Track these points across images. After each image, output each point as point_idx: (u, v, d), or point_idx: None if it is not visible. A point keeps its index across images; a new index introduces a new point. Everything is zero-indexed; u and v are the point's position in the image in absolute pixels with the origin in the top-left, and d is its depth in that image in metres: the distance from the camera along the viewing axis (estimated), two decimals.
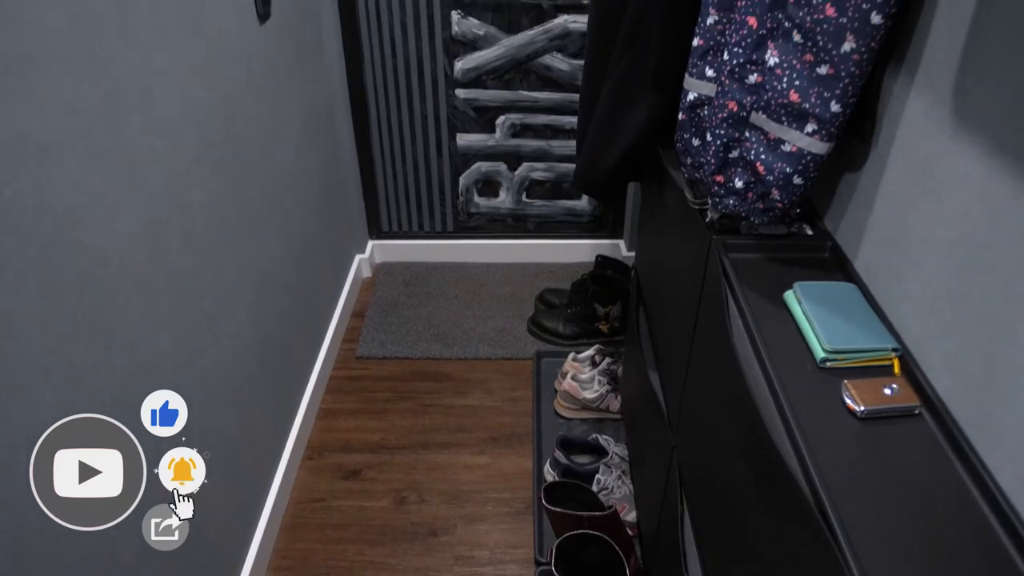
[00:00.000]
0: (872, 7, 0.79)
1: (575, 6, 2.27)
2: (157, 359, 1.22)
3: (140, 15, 1.16)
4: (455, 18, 2.30)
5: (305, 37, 2.05)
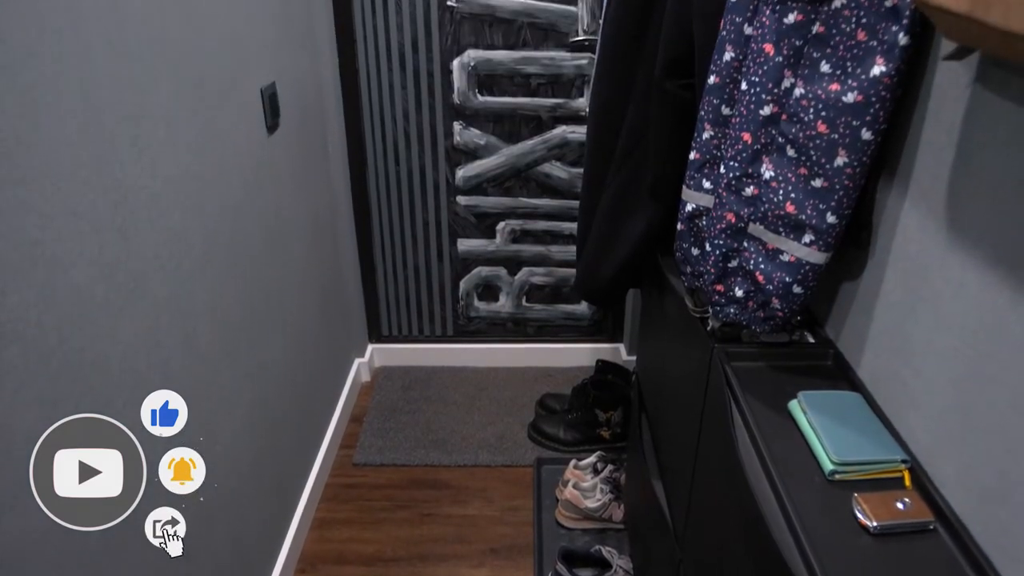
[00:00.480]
0: (862, 124, 0.82)
1: (573, 117, 2.35)
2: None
3: (153, 127, 1.20)
4: (457, 128, 2.38)
5: (311, 147, 2.11)
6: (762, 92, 0.89)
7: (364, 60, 2.28)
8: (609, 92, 1.36)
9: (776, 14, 0.87)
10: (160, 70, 1.22)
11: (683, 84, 1.18)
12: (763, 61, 0.89)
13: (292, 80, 1.91)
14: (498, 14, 2.21)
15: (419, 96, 2.33)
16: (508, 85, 2.31)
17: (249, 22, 1.61)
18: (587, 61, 2.26)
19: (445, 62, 2.28)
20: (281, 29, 1.83)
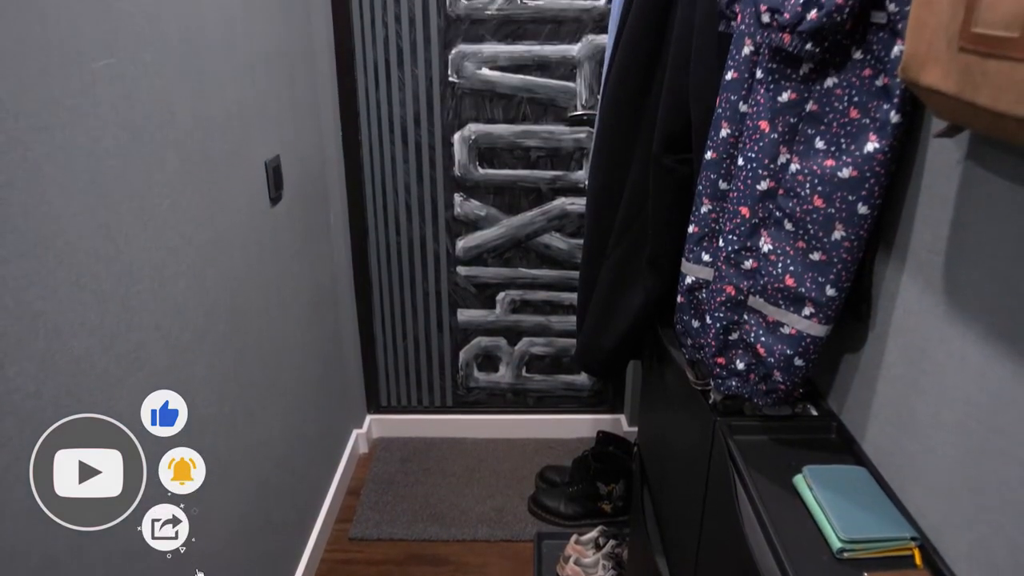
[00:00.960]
0: (858, 199, 0.83)
1: (572, 189, 2.38)
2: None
3: (158, 200, 1.21)
4: (457, 200, 2.41)
5: (314, 218, 2.14)
6: (759, 167, 0.91)
7: (367, 133, 2.33)
8: (608, 166, 1.38)
9: (770, 92, 0.89)
10: (168, 144, 1.24)
11: (681, 159, 1.20)
12: (759, 138, 0.91)
13: (296, 152, 1.95)
14: (498, 90, 2.27)
15: (420, 168, 2.37)
16: (508, 158, 2.36)
17: (257, 97, 1.65)
18: (586, 135, 2.31)
19: (446, 135, 2.33)
20: (287, 103, 1.87)
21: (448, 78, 2.27)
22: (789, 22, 0.82)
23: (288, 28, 1.88)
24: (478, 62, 2.25)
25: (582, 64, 2.24)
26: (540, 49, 2.23)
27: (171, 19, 1.26)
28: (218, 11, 1.44)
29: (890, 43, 0.79)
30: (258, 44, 1.66)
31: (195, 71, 1.34)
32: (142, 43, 1.16)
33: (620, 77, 1.31)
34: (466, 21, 2.21)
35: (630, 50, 1.28)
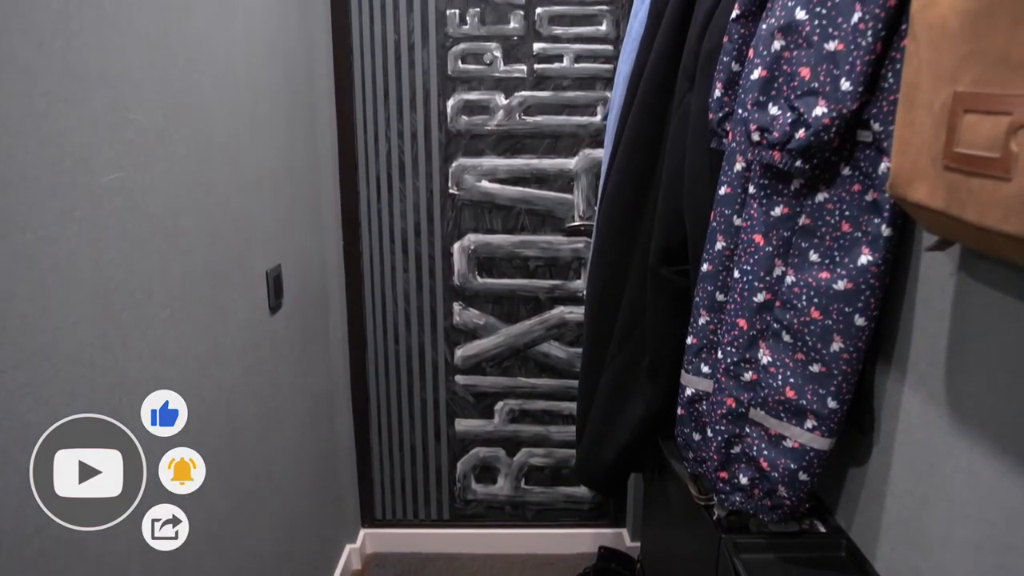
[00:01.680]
0: (855, 311, 0.84)
1: (571, 298, 2.40)
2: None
3: (159, 309, 1.22)
4: (456, 309, 2.42)
5: (312, 327, 2.14)
6: (754, 280, 0.92)
7: (368, 243, 2.37)
8: (606, 277, 1.40)
9: (763, 207, 0.91)
10: (171, 255, 1.26)
11: (678, 270, 1.22)
12: (754, 251, 0.92)
13: (297, 262, 1.97)
14: (497, 201, 2.32)
15: (420, 278, 2.40)
16: (507, 267, 2.38)
17: (261, 208, 1.69)
18: (583, 245, 2.34)
19: (446, 246, 2.37)
20: (291, 214, 1.91)
21: (448, 190, 2.32)
22: (779, 140, 0.84)
23: (294, 145, 1.95)
24: (478, 175, 2.31)
25: (579, 177, 2.30)
26: (538, 163, 2.30)
27: (181, 135, 1.30)
28: (226, 128, 1.49)
29: (877, 160, 0.81)
30: (265, 160, 1.71)
31: (202, 184, 1.38)
32: (152, 157, 1.20)
33: (617, 190, 1.34)
34: (466, 136, 2.29)
35: (626, 164, 1.32)
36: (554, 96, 2.26)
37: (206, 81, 1.40)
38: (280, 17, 1.83)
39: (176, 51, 1.28)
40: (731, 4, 1.08)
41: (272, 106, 1.77)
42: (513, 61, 2.24)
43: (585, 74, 2.24)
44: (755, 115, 0.87)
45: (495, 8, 2.21)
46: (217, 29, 1.45)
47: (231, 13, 1.52)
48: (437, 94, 2.26)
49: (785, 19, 0.84)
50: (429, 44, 2.23)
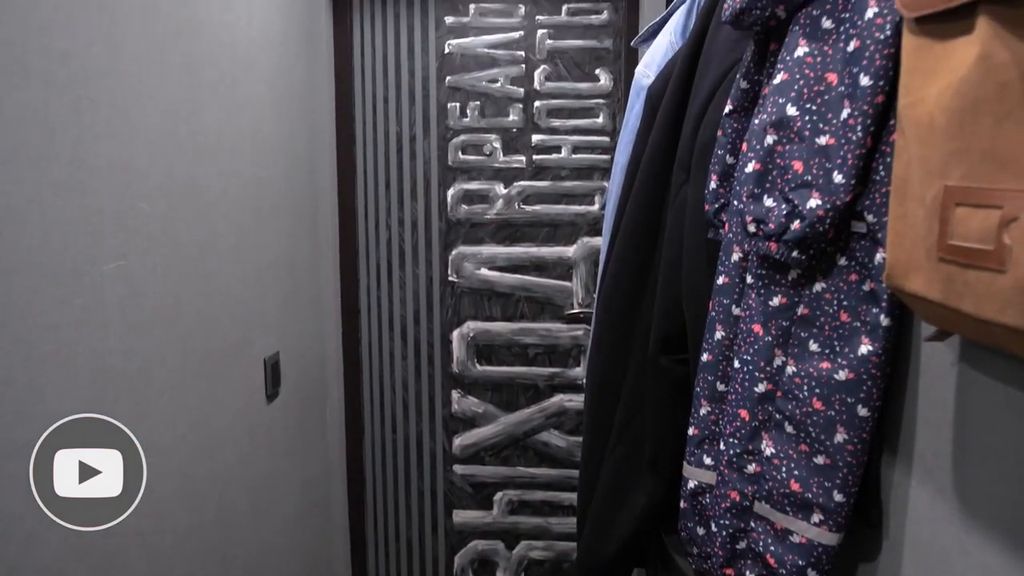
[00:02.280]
0: (857, 401, 0.83)
1: (570, 386, 2.38)
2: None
3: (155, 398, 1.20)
4: (455, 397, 2.40)
5: (309, 415, 2.11)
6: (755, 370, 0.92)
7: (367, 331, 2.37)
8: (605, 365, 1.39)
9: (761, 297, 0.91)
10: (170, 342, 1.26)
11: (677, 359, 1.21)
12: (753, 340, 0.92)
13: (296, 349, 1.97)
14: (497, 289, 2.34)
15: (419, 365, 2.39)
16: (506, 355, 2.38)
17: (261, 297, 1.69)
18: (583, 332, 2.34)
19: (445, 333, 2.37)
20: (291, 302, 1.92)
21: (448, 278, 2.34)
22: (774, 232, 0.85)
23: (296, 232, 1.97)
24: (477, 263, 2.33)
25: (578, 265, 2.32)
26: (537, 251, 2.32)
27: (185, 223, 1.32)
28: (229, 216, 1.52)
29: (872, 251, 0.82)
30: (267, 248, 1.73)
31: (203, 274, 1.39)
32: (154, 246, 1.21)
33: (615, 279, 1.35)
34: (466, 224, 2.32)
35: (624, 254, 1.33)
36: (552, 186, 2.30)
37: (211, 172, 1.43)
38: (286, 110, 1.89)
39: (184, 143, 1.32)
40: (724, 100, 1.12)
41: (275, 195, 1.80)
42: (512, 152, 2.29)
43: (583, 164, 2.29)
44: (751, 207, 0.88)
45: (495, 101, 2.28)
46: (224, 123, 1.49)
47: (239, 108, 1.57)
48: (438, 183, 2.31)
49: (776, 115, 0.86)
50: (430, 135, 2.29)
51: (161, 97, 1.24)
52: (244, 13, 1.60)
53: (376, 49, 2.27)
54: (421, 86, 2.27)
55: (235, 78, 1.55)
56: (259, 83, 1.69)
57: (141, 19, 1.18)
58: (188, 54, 1.34)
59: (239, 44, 1.58)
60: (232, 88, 1.54)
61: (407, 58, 2.26)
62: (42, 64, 0.94)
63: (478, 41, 2.26)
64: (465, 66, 2.27)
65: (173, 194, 1.28)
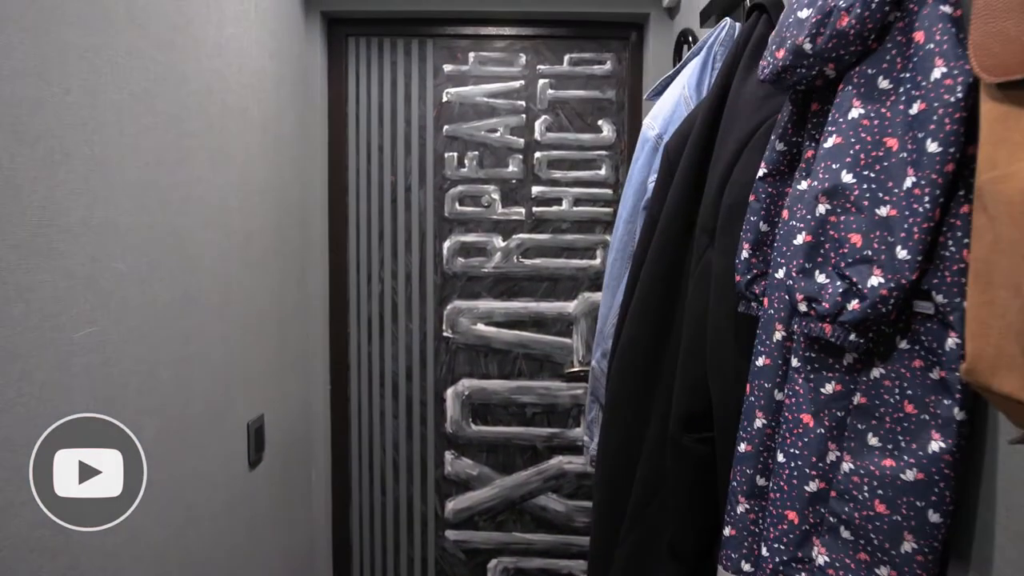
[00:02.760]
0: (928, 505, 0.73)
1: (570, 447, 2.27)
2: None
3: None
4: (448, 458, 2.28)
5: (294, 479, 1.98)
6: (805, 466, 0.81)
7: (356, 388, 2.26)
8: (619, 441, 1.29)
9: (811, 383, 0.82)
10: (144, 412, 1.14)
11: (700, 438, 1.11)
12: (802, 432, 0.82)
13: (281, 410, 1.85)
14: (493, 345, 2.24)
15: (411, 425, 2.27)
16: (503, 414, 2.27)
17: (245, 354, 1.58)
18: (583, 391, 2.24)
19: (439, 391, 2.26)
20: (276, 361, 1.80)
21: (443, 333, 2.24)
22: (829, 312, 0.76)
23: (284, 286, 1.87)
24: (473, 318, 2.24)
25: (578, 320, 2.23)
26: (536, 306, 2.23)
27: (164, 283, 1.21)
28: (214, 272, 1.41)
29: (942, 335, 0.73)
30: (253, 304, 1.63)
31: (183, 335, 1.28)
32: (129, 309, 1.10)
33: (630, 351, 1.25)
34: (462, 278, 2.23)
35: (640, 324, 1.24)
36: (553, 239, 2.22)
37: (197, 224, 1.33)
38: (277, 158, 1.80)
39: (167, 195, 1.22)
40: (754, 160, 1.04)
41: (265, 246, 1.70)
42: (511, 203, 2.22)
43: (584, 217, 2.22)
44: (801, 283, 0.79)
45: (494, 152, 2.21)
46: (212, 173, 1.40)
47: (228, 157, 1.48)
48: (433, 235, 2.23)
49: (830, 182, 0.78)
50: (427, 186, 2.21)
51: (144, 148, 1.14)
52: (235, 60, 1.52)
53: (372, 96, 2.19)
54: (418, 135, 2.20)
55: (224, 127, 1.47)
56: (249, 131, 1.60)
57: (124, 65, 1.09)
58: (174, 102, 1.25)
59: (230, 92, 1.49)
60: (221, 137, 1.45)
61: (403, 106, 2.19)
62: (10, 114, 0.84)
63: (477, 90, 2.20)
64: (463, 115, 2.20)
65: (153, 251, 1.18)
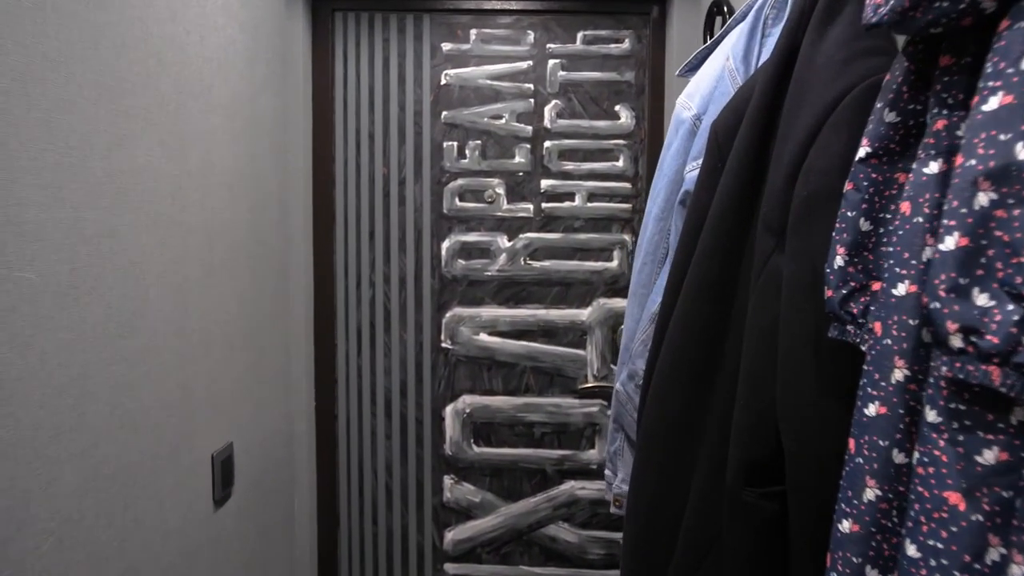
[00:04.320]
0: None
1: (583, 471, 2.04)
2: None
3: (39, 537, 0.85)
4: (448, 483, 2.05)
5: (272, 515, 1.75)
6: (953, 567, 0.57)
7: (344, 406, 2.03)
8: (656, 485, 1.05)
9: (959, 448, 0.57)
10: (63, 462, 0.91)
11: (766, 492, 0.87)
12: (947, 518, 0.57)
13: (255, 435, 1.61)
14: (498, 357, 2.01)
15: (405, 446, 2.03)
16: (508, 435, 2.04)
17: (209, 374, 1.34)
18: (598, 408, 2.01)
19: (437, 409, 2.03)
20: (250, 378, 1.57)
21: (441, 344, 2.01)
22: (998, 349, 0.52)
23: (259, 293, 1.63)
24: (475, 327, 2.00)
25: (593, 330, 2.00)
26: (546, 313, 2.00)
27: (94, 295, 0.97)
28: (166, 282, 1.17)
29: None
30: (217, 316, 1.39)
31: (122, 357, 1.04)
32: (45, 330, 0.87)
33: (672, 377, 1.01)
34: (463, 282, 2.00)
35: (684, 345, 1.00)
36: (564, 238, 1.98)
37: (141, 223, 1.09)
38: (249, 146, 1.56)
39: (100, 187, 0.98)
40: (837, 139, 0.80)
41: (233, 247, 1.46)
42: (518, 199, 1.98)
43: (599, 214, 1.98)
44: (952, 306, 0.55)
45: (498, 140, 1.97)
46: (163, 160, 1.16)
47: (184, 142, 1.24)
48: (430, 235, 1.99)
49: (997, 160, 0.54)
50: (423, 179, 1.98)
51: (63, 128, 0.91)
52: (195, 28, 1.28)
53: (361, 78, 1.96)
54: (413, 122, 1.96)
55: (180, 105, 1.23)
56: (213, 113, 1.37)
57: (31, 18, 0.85)
58: (106, 72, 1.01)
59: (188, 65, 1.25)
60: (175, 118, 1.21)
61: (397, 89, 1.96)
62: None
63: (480, 71, 1.96)
64: (464, 100, 1.96)
65: (80, 255, 0.94)
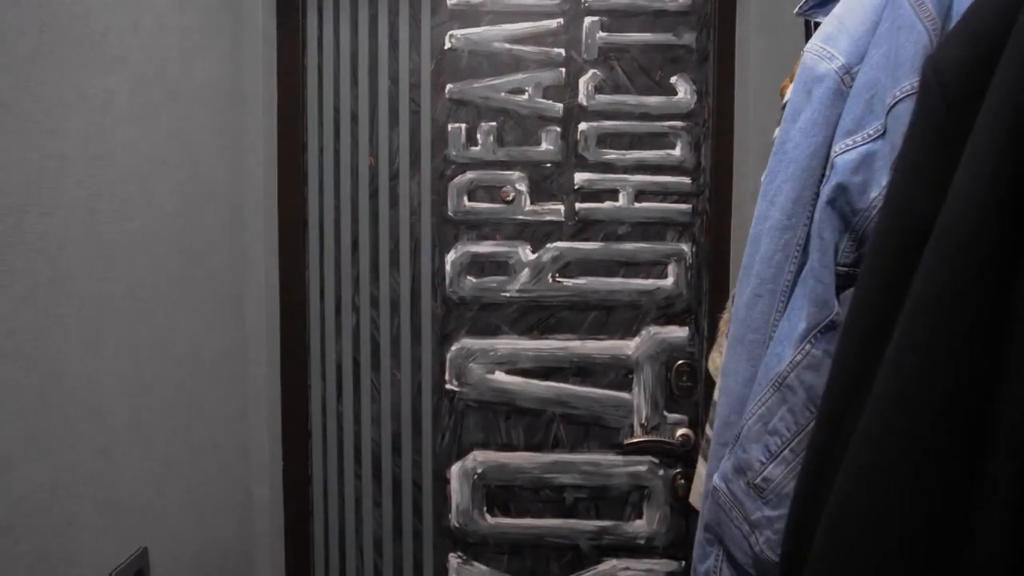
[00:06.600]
0: None
1: (627, 547, 1.66)
2: None
3: None
4: (454, 564, 1.69)
5: None
6: None
7: (321, 465, 1.67)
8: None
9: None
10: None
11: None
12: None
13: (188, 523, 1.18)
14: (518, 403, 1.66)
15: (399, 516, 1.69)
16: (532, 501, 1.68)
17: (104, 457, 0.90)
18: (646, 467, 1.65)
19: (439, 469, 1.68)
20: (178, 442, 1.13)
21: (445, 385, 1.66)
22: None
23: (193, 325, 1.20)
24: (489, 363, 1.64)
25: (641, 367, 1.62)
26: (580, 346, 1.63)
27: None
28: (21, 316, 0.73)
29: None
30: (119, 364, 0.95)
31: None
32: None
33: (886, 502, 0.58)
34: (473, 306, 1.63)
35: (913, 428, 0.58)
36: (604, 249, 1.62)
37: None
38: (180, 126, 1.13)
39: None
40: None
41: (145, 268, 1.03)
42: (545, 198, 1.61)
43: (651, 217, 1.61)
44: None
45: (519, 122, 1.58)
46: (26, 150, 0.72)
47: (54, 117, 0.80)
48: (431, 244, 1.63)
49: None
50: (421, 172, 1.62)
51: None
52: None
53: (341, 41, 1.59)
54: (408, 98, 1.60)
55: (49, 50, 0.79)
56: (110, 70, 0.94)
57: None
58: None
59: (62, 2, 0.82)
60: (32, 65, 0.77)
61: (387, 56, 1.59)
62: None
63: (494, 32, 1.59)
64: (475, 69, 1.59)
65: None
